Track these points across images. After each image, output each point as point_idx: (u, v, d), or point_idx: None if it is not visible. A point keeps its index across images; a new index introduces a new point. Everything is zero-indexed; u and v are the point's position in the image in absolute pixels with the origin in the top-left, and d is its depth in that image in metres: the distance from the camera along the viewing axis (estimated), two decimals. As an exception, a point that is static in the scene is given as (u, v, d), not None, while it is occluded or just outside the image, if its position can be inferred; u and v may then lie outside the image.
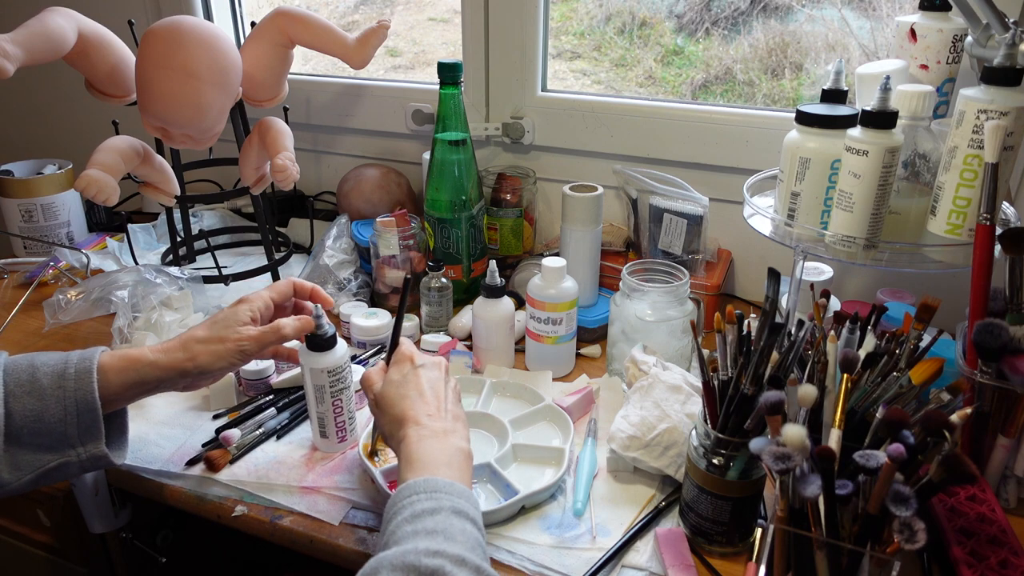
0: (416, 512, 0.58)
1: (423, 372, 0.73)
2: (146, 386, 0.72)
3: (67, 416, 0.68)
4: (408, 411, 0.69)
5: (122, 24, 1.07)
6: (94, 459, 0.69)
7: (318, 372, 0.78)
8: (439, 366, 0.75)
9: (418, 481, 0.60)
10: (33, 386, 0.68)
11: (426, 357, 0.76)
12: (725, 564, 0.70)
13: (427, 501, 0.58)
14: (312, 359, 0.79)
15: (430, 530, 0.56)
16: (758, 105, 1.22)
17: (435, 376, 0.73)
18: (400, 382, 0.72)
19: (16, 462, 0.67)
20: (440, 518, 0.57)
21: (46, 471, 0.68)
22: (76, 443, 0.68)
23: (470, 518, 0.59)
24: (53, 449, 0.68)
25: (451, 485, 0.60)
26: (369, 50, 1.06)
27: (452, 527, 0.56)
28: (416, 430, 0.67)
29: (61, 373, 0.69)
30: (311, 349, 0.79)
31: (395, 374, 0.73)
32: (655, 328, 0.89)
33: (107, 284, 1.05)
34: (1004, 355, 0.70)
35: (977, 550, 0.66)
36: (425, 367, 0.74)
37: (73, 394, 0.68)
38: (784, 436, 0.56)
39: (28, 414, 0.67)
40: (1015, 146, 0.74)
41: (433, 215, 1.12)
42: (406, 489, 0.60)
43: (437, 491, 0.59)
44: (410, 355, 0.75)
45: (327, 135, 1.44)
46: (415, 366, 0.74)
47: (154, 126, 0.95)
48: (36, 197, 1.27)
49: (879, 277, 1.09)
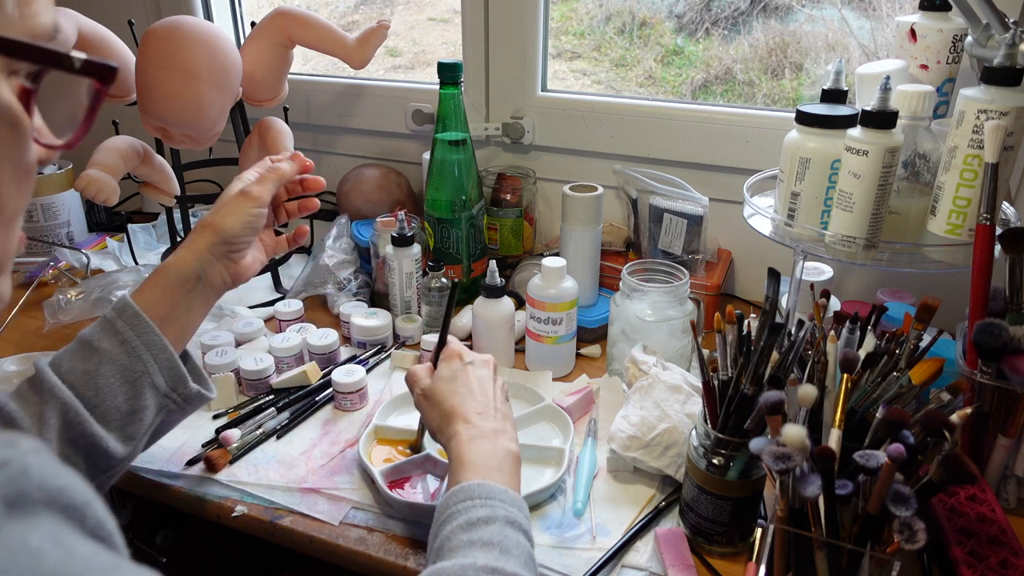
0: (471, 520, 0.57)
1: (472, 369, 0.74)
2: (187, 285, 0.70)
3: (137, 358, 0.66)
4: (458, 407, 0.69)
5: (122, 24, 1.07)
6: (185, 393, 0.69)
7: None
8: (488, 364, 0.76)
9: (472, 485, 0.60)
10: (89, 360, 0.66)
11: (475, 354, 0.77)
12: (725, 564, 0.70)
13: (482, 508, 0.58)
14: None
15: (486, 541, 0.55)
16: (758, 105, 1.22)
17: (484, 374, 0.74)
18: (450, 377, 0.73)
19: (124, 432, 0.66)
20: (495, 528, 0.57)
21: (155, 427, 0.68)
22: (157, 377, 0.67)
23: (523, 529, 0.58)
24: (142, 396, 0.66)
25: (504, 492, 0.60)
26: (369, 50, 1.06)
27: (507, 539, 0.56)
28: (467, 428, 0.67)
29: (106, 328, 0.67)
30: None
31: (445, 370, 0.74)
32: (655, 328, 0.89)
33: (107, 284, 1.05)
34: (1004, 355, 0.70)
35: (977, 550, 0.66)
36: (475, 364, 0.74)
37: (132, 333, 0.66)
38: (784, 436, 0.56)
39: (104, 383, 0.65)
40: (1015, 146, 0.74)
41: (433, 215, 1.12)
42: (460, 492, 0.60)
43: (492, 498, 0.59)
44: (459, 352, 0.76)
45: (327, 135, 1.44)
46: (464, 363, 0.74)
47: (154, 126, 0.95)
48: (36, 197, 1.27)
49: (879, 277, 1.09)
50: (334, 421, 0.89)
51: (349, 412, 0.91)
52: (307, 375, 0.93)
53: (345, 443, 0.85)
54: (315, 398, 0.92)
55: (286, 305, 1.06)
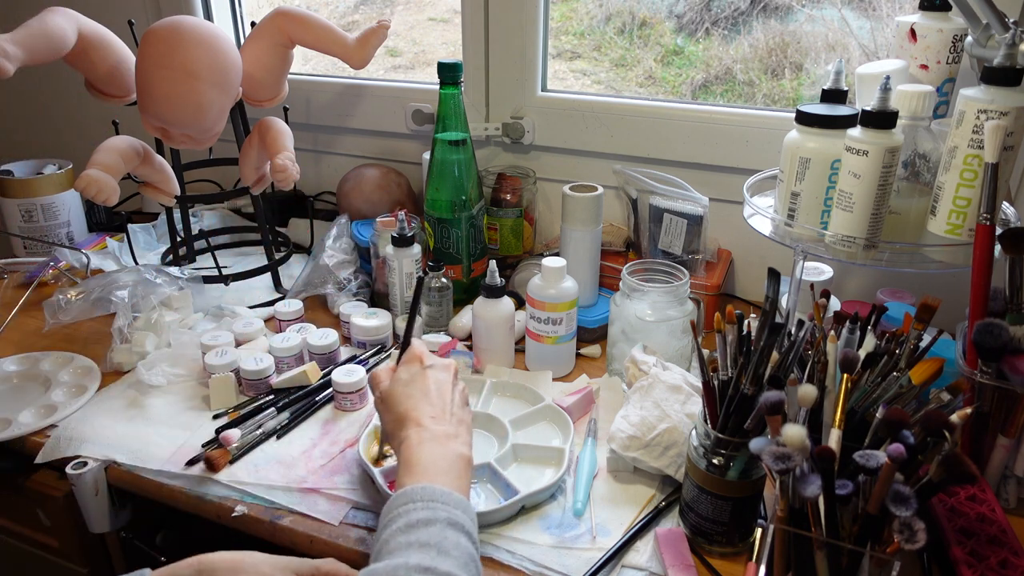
0: (411, 522, 0.57)
1: (431, 373, 0.73)
2: None
3: None
4: (412, 411, 0.69)
5: (122, 24, 1.07)
6: None
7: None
8: (448, 368, 0.75)
9: (415, 488, 0.60)
10: None
11: (436, 359, 0.76)
12: (725, 564, 0.70)
13: (423, 511, 0.58)
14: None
15: (424, 543, 0.55)
16: (758, 105, 1.22)
17: (443, 378, 0.73)
18: (407, 381, 0.72)
19: None
20: (435, 530, 0.57)
21: None
22: None
23: (465, 530, 0.58)
24: None
25: (448, 495, 0.60)
26: (369, 50, 1.06)
27: (446, 540, 0.56)
28: (418, 432, 0.66)
29: None
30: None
31: (403, 373, 0.73)
32: (655, 328, 0.89)
33: (107, 284, 1.05)
34: (1004, 355, 0.70)
35: (977, 550, 0.66)
36: (434, 368, 0.74)
37: None
38: (784, 436, 0.56)
39: None
40: (1015, 146, 0.74)
41: (433, 215, 1.12)
42: (403, 496, 0.60)
43: (434, 500, 0.59)
44: (419, 355, 0.75)
45: (327, 135, 1.44)
46: (424, 366, 0.73)
47: (154, 126, 0.95)
48: (36, 197, 1.27)
49: (879, 277, 1.09)
50: (334, 421, 0.89)
51: (349, 412, 0.91)
52: (307, 375, 0.93)
53: (345, 443, 0.85)
54: (315, 398, 0.92)
55: (286, 305, 1.06)
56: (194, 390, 0.95)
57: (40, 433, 0.87)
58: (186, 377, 0.96)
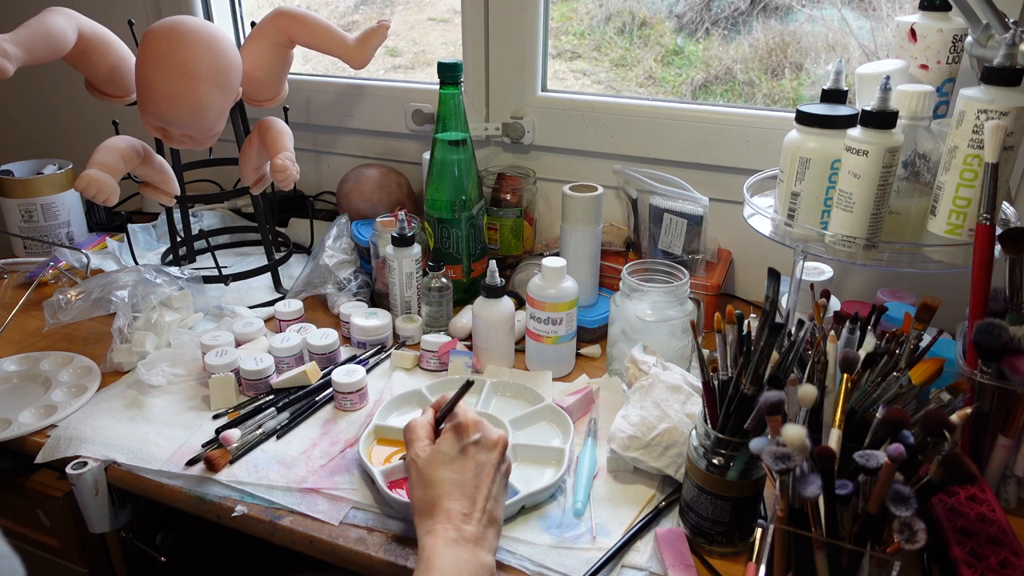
0: None
1: (475, 454, 0.68)
2: None
3: None
4: (443, 500, 0.65)
5: (122, 24, 1.07)
6: None
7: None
8: (495, 447, 0.69)
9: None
10: None
11: (484, 428, 0.70)
12: (725, 564, 0.70)
13: None
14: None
15: None
16: (758, 105, 1.22)
17: (485, 460, 0.68)
18: (447, 460, 0.67)
19: None
20: None
21: None
22: None
23: None
24: None
25: None
26: (369, 50, 1.06)
27: None
28: (445, 529, 0.63)
29: None
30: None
31: (446, 445, 0.68)
32: (655, 328, 0.89)
33: (107, 284, 1.05)
34: (1004, 355, 0.70)
35: (977, 550, 0.66)
36: (480, 446, 0.68)
37: None
38: (784, 436, 0.56)
39: None
40: (1015, 146, 0.74)
41: (433, 215, 1.12)
42: None
43: None
44: (469, 424, 0.69)
45: (327, 135, 1.44)
46: (469, 441, 0.68)
47: (154, 126, 0.95)
48: (36, 197, 1.27)
49: (879, 277, 1.09)
50: (334, 421, 0.89)
51: (349, 412, 0.91)
52: (307, 375, 0.93)
53: (345, 443, 0.85)
54: (315, 398, 0.92)
55: (286, 305, 1.06)
56: (194, 390, 0.95)
57: (40, 433, 0.87)
58: (186, 377, 0.97)
